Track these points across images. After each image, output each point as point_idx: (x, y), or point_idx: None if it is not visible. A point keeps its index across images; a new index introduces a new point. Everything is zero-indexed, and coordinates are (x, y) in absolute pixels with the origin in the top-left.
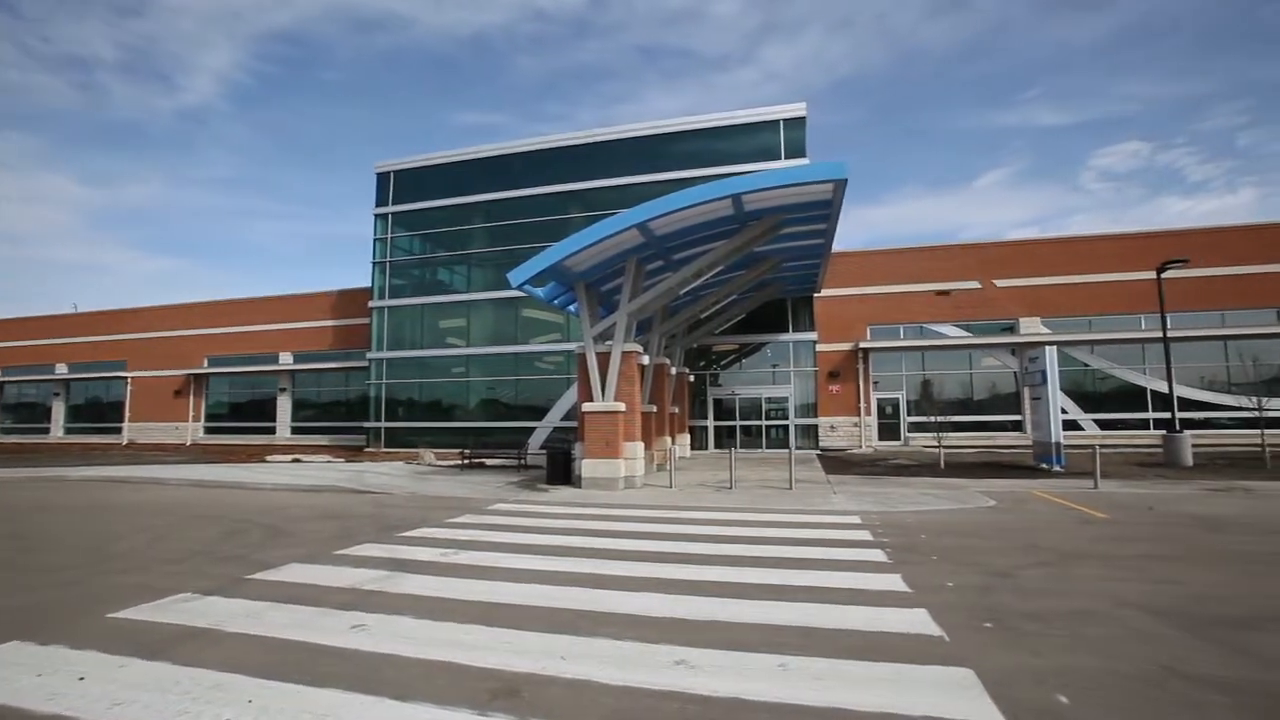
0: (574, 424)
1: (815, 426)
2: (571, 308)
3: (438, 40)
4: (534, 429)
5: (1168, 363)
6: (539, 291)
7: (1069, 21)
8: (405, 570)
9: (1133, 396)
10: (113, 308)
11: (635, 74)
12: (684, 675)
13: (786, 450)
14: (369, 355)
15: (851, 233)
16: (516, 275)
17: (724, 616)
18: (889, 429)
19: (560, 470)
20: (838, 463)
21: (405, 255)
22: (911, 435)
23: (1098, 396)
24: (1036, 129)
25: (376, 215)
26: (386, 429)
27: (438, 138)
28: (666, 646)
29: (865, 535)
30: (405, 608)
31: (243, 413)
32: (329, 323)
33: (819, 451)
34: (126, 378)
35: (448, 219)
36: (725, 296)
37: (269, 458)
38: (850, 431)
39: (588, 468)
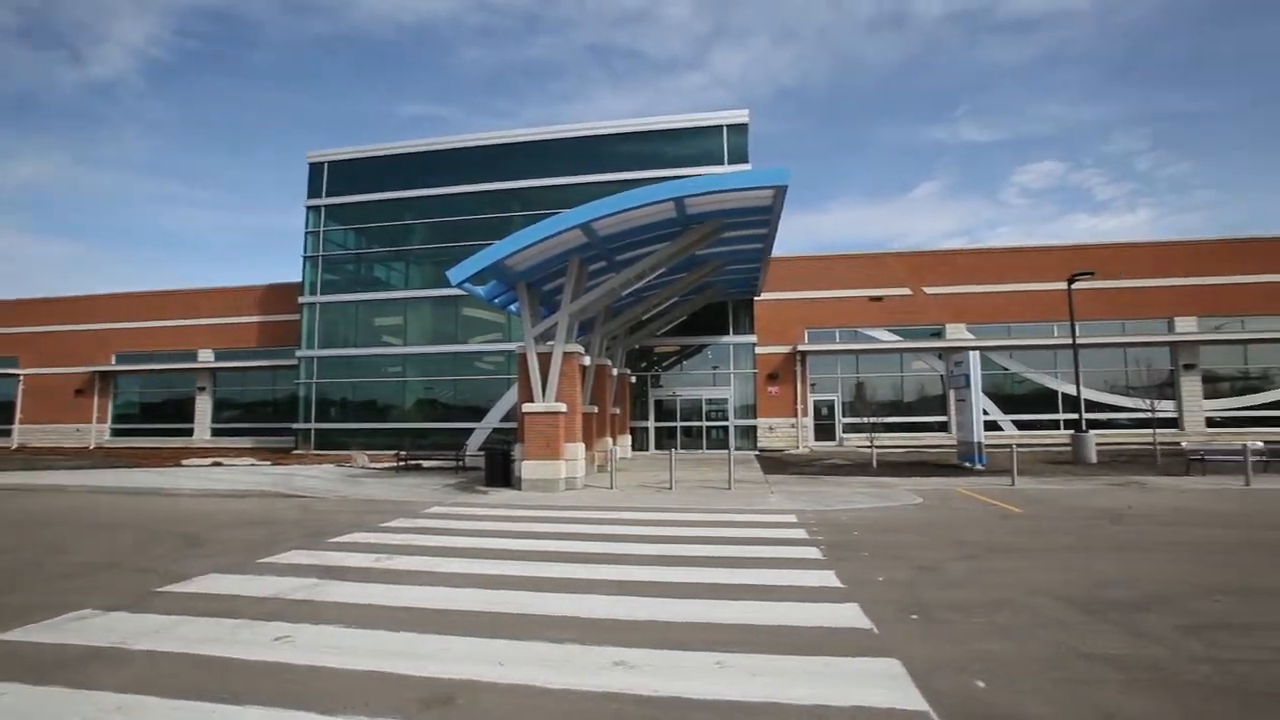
0: (514, 425)
1: (754, 427)
2: (513, 307)
3: (379, 26)
4: (473, 430)
5: (1076, 368)
6: (479, 290)
7: (994, 45)
8: (335, 578)
9: (1046, 399)
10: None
11: (584, 73)
12: (623, 676)
13: (726, 451)
14: (299, 353)
15: (792, 238)
16: (456, 273)
17: (663, 616)
18: (825, 430)
19: (499, 472)
20: (775, 463)
21: (339, 250)
22: (846, 436)
23: (1015, 399)
24: (965, 145)
25: (309, 207)
26: (317, 430)
27: (376, 129)
28: (606, 648)
29: (801, 533)
30: (334, 617)
31: (156, 414)
32: (255, 319)
33: (757, 452)
34: (17, 375)
35: (385, 213)
36: (667, 298)
37: (186, 462)
38: (788, 432)
39: (528, 469)
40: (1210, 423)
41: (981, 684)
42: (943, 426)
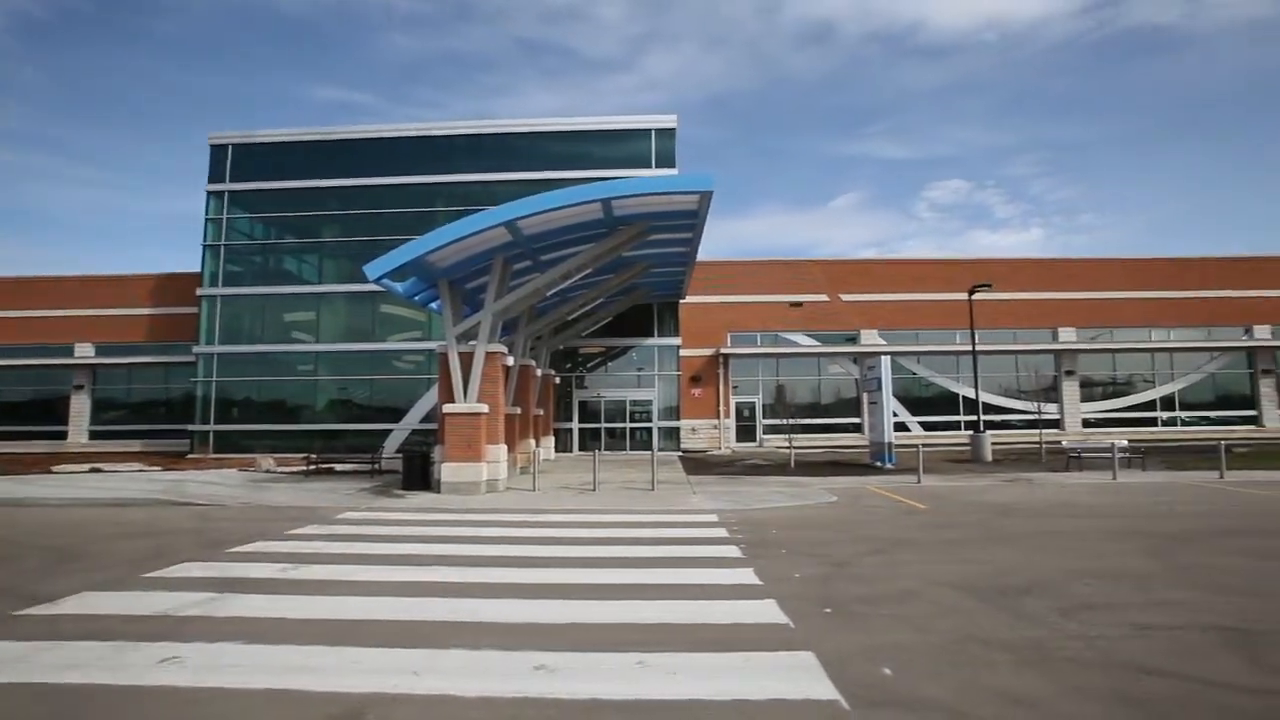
0: (434, 426)
1: (677, 429)
2: (433, 305)
3: (293, 2)
4: (390, 431)
5: (975, 373)
6: (398, 287)
7: (910, 68)
8: (235, 590)
9: (949, 401)
10: None
11: (515, 68)
12: (543, 680)
13: (650, 452)
14: (196, 349)
15: (717, 242)
16: (374, 269)
17: (585, 618)
18: (746, 431)
19: (418, 474)
20: (698, 464)
21: (245, 239)
22: (766, 437)
23: (922, 401)
24: (881, 160)
25: (210, 192)
26: (216, 432)
27: (289, 112)
28: (526, 652)
29: (721, 532)
30: (233, 633)
31: (21, 415)
32: (146, 310)
33: (681, 453)
34: None
35: (298, 202)
36: (593, 299)
37: (57, 468)
38: (710, 434)
39: (448, 471)
40: (1086, 423)
41: (888, 671)
42: (856, 428)
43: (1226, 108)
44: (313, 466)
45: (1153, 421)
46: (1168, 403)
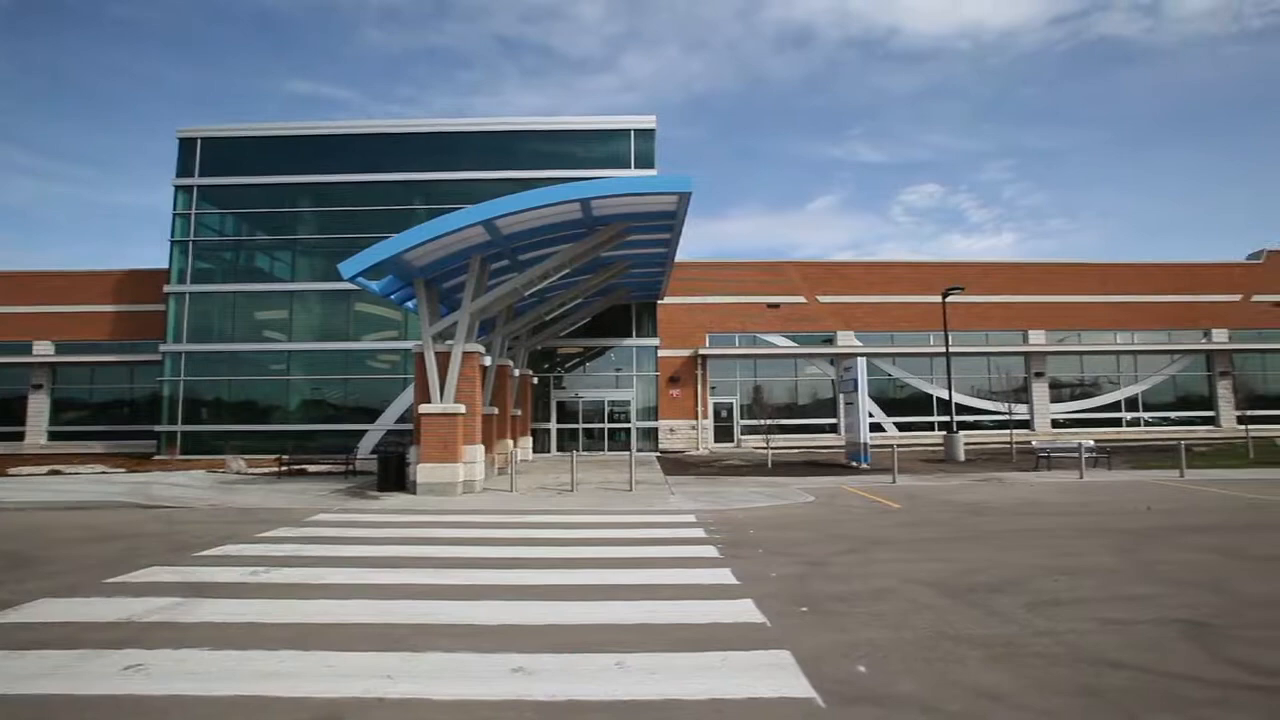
0: (410, 427)
1: (655, 429)
2: (410, 304)
3: None
4: (365, 432)
5: (949, 374)
6: (374, 285)
7: (887, 73)
8: (203, 595)
9: (923, 402)
10: None
11: (494, 66)
12: (521, 682)
13: (628, 453)
14: (163, 347)
15: (696, 243)
16: (349, 267)
17: (563, 620)
18: (724, 431)
19: (393, 476)
20: (676, 464)
21: (215, 235)
22: (744, 437)
23: (897, 402)
24: (858, 163)
25: (178, 187)
26: (184, 433)
27: (262, 106)
28: (504, 655)
29: (699, 533)
30: (201, 639)
31: None
32: (109, 307)
33: (659, 454)
34: None
35: (271, 198)
36: (571, 300)
37: (14, 470)
38: (688, 434)
39: (423, 472)
40: (1055, 424)
41: (863, 669)
42: (833, 428)
43: (1186, 120)
44: (285, 468)
45: (1118, 422)
46: (1132, 404)
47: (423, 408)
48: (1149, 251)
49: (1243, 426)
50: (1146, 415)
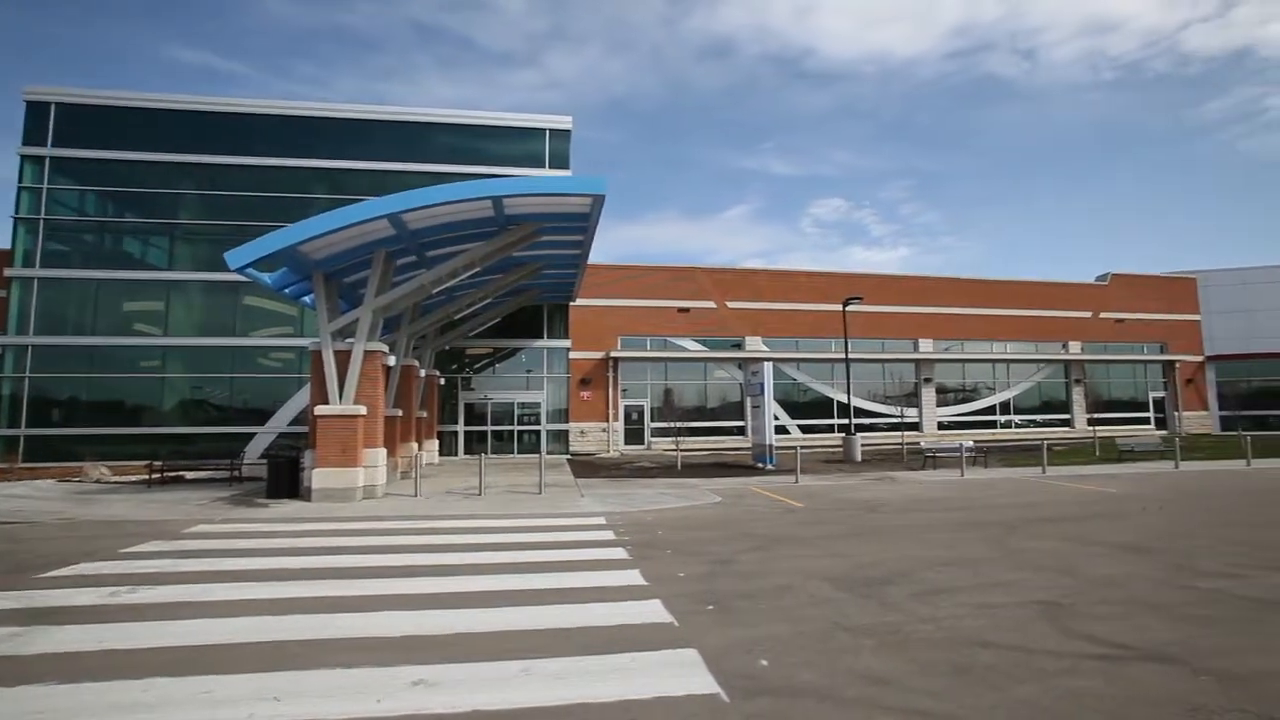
0: (305, 429)
1: (566, 432)
2: (307, 299)
3: None
4: (254, 435)
5: (848, 379)
6: (266, 278)
7: (801, 91)
8: (48, 622)
9: (824, 406)
10: None
11: (409, 53)
12: (421, 695)
13: (538, 455)
14: (3, 339)
15: (612, 246)
16: (237, 256)
17: (468, 628)
18: (634, 434)
19: (285, 481)
20: (587, 467)
21: (73, 214)
22: (654, 440)
23: (801, 405)
24: (770, 175)
25: (25, 156)
26: (30, 438)
27: (137, 72)
28: (404, 667)
29: (609, 535)
30: (44, 673)
31: None
32: None
33: (569, 456)
34: None
35: (147, 178)
36: (481, 299)
37: None
38: (599, 437)
39: (319, 478)
40: (941, 426)
41: (765, 662)
42: (740, 430)
43: (1053, 153)
44: (158, 475)
45: (994, 424)
46: (1005, 407)
47: (319, 409)
48: (1022, 270)
49: (1091, 428)
50: (1017, 418)
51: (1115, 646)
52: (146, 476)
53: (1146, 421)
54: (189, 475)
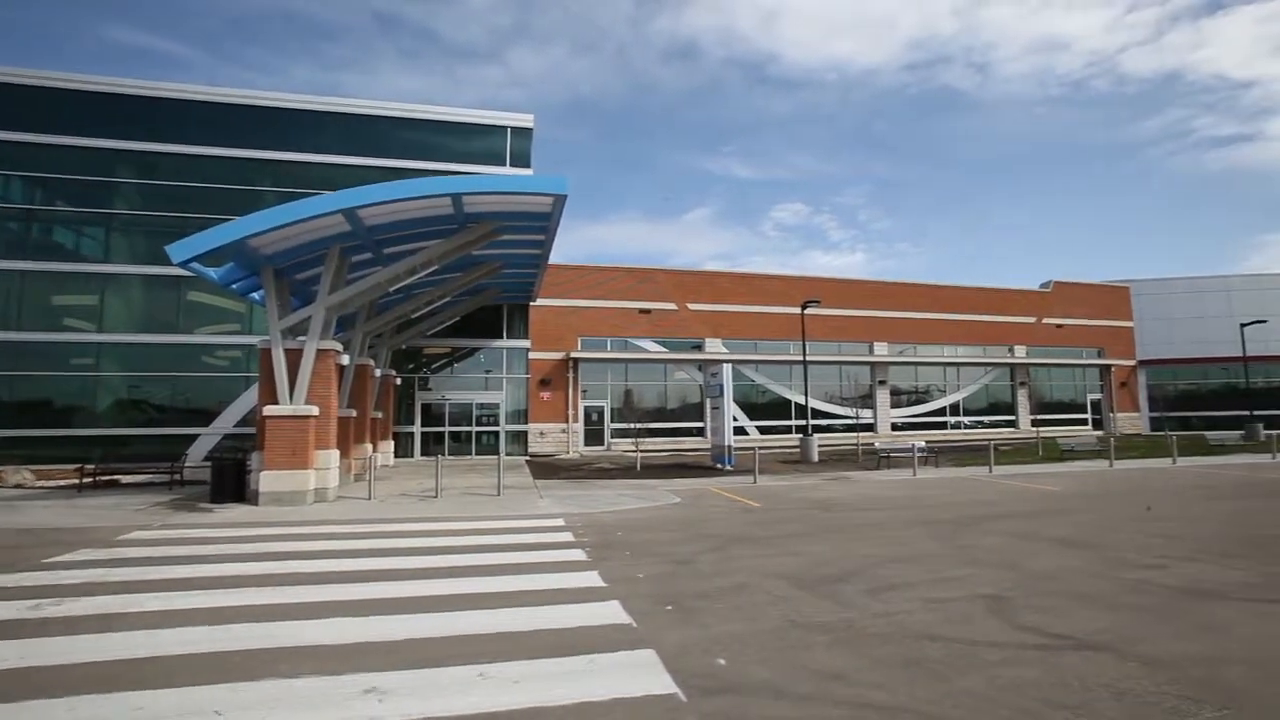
0: (254, 430)
1: (525, 433)
2: (256, 295)
3: None
4: (198, 437)
5: (805, 381)
6: (212, 272)
7: (764, 95)
8: None
9: (782, 407)
10: None
11: (369, 42)
12: (373, 704)
13: (496, 456)
14: None
15: (573, 246)
16: (180, 250)
17: (423, 633)
18: (594, 435)
19: (231, 485)
20: (546, 468)
21: None
22: (614, 441)
23: (760, 407)
24: (732, 178)
25: None
26: None
27: (73, 53)
28: (356, 675)
29: (568, 536)
30: None
31: None
32: None
33: (528, 457)
34: None
35: (78, 164)
36: (439, 298)
37: None
38: (559, 438)
39: (268, 480)
40: (895, 427)
41: (722, 661)
42: (700, 431)
43: (1003, 163)
44: (90, 480)
45: (944, 425)
46: (955, 409)
47: (269, 409)
48: (972, 276)
49: (1035, 428)
50: (966, 419)
51: (1053, 636)
52: (76, 481)
53: (1085, 422)
54: (125, 479)
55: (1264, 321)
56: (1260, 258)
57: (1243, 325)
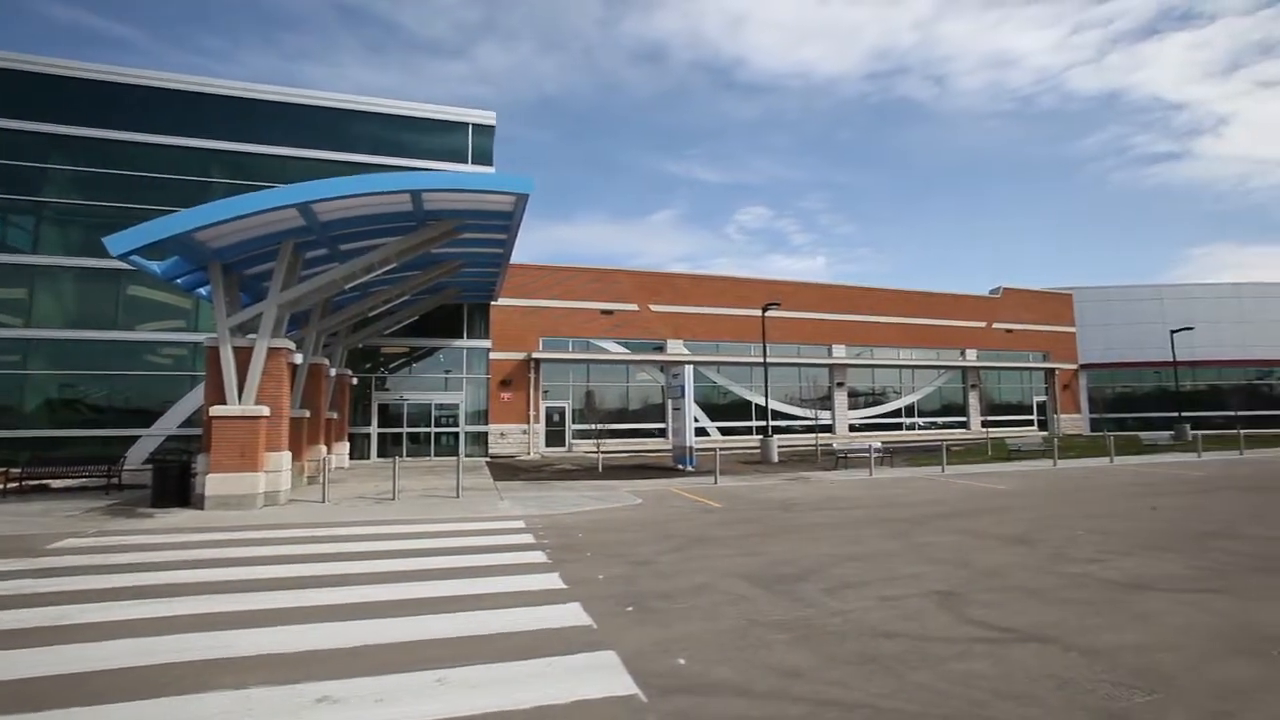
0: (200, 431)
1: (486, 434)
2: (202, 291)
3: None
4: (138, 438)
5: (765, 382)
6: (154, 266)
7: (730, 100)
8: None
9: (743, 408)
10: None
11: (330, 33)
12: (325, 713)
13: (456, 458)
14: None
15: (536, 245)
16: (119, 242)
17: (378, 639)
18: (556, 436)
19: (174, 489)
20: (507, 469)
21: None
22: (576, 442)
23: (721, 408)
24: (697, 181)
25: None
26: None
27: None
28: (307, 684)
29: (528, 538)
30: None
31: None
32: None
33: (489, 459)
34: None
35: (4, 148)
36: (398, 296)
37: None
38: (520, 439)
39: (214, 484)
40: (852, 428)
41: (682, 661)
42: (661, 432)
43: (955, 174)
44: (16, 484)
45: (899, 426)
46: (910, 410)
47: (216, 409)
48: (926, 281)
49: (985, 429)
50: (920, 420)
51: (1001, 630)
52: (1, 485)
53: (1031, 423)
54: (55, 484)
55: (1191, 329)
56: (1189, 268)
57: (1173, 332)
